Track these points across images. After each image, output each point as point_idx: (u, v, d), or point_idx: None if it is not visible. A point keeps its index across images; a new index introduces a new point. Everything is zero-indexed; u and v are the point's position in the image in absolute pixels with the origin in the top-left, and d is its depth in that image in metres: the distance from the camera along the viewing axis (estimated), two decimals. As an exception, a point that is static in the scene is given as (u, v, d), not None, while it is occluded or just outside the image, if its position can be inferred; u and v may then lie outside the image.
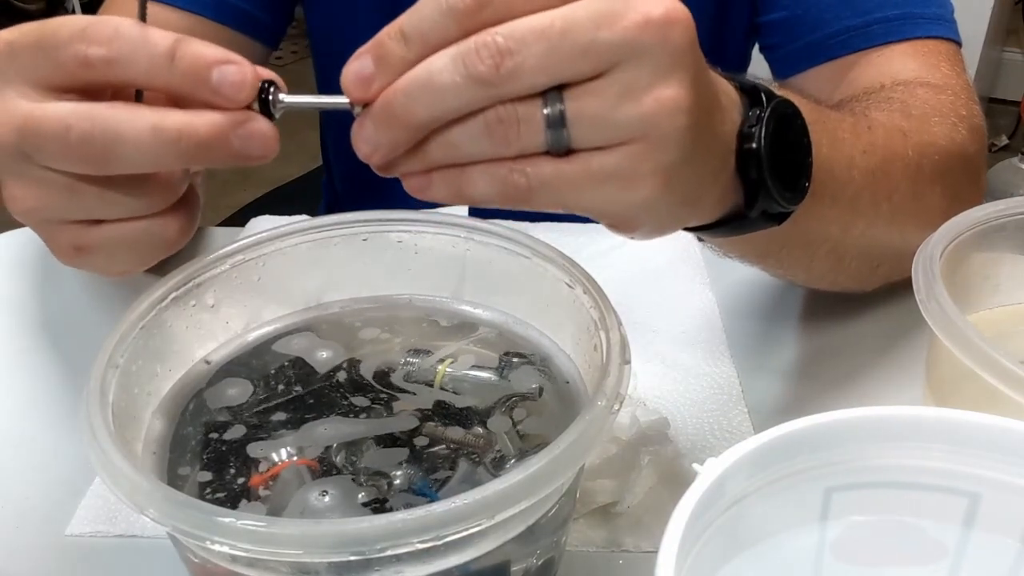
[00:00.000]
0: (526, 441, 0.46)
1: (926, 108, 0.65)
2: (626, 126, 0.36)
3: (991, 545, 0.38)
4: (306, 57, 1.08)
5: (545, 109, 0.36)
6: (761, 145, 0.43)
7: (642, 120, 0.36)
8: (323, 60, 0.95)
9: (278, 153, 0.40)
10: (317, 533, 0.35)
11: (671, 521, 0.32)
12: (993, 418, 0.37)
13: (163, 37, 0.37)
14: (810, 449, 0.37)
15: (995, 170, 2.34)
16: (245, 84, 0.38)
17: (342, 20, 0.88)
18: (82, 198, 0.40)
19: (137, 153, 0.38)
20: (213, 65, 0.37)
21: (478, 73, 0.35)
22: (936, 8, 0.74)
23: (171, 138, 0.37)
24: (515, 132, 0.36)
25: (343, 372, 0.50)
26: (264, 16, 0.84)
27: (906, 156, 0.61)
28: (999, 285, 0.59)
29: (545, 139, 0.36)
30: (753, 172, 0.43)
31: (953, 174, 0.64)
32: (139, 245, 0.42)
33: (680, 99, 0.36)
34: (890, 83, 0.70)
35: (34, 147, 0.38)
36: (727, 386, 0.62)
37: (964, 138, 0.66)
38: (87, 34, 0.37)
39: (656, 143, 0.37)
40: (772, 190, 0.44)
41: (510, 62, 0.34)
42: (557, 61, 0.35)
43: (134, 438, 0.45)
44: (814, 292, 0.70)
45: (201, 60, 0.37)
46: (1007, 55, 2.83)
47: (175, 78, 0.37)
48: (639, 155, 0.37)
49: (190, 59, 0.37)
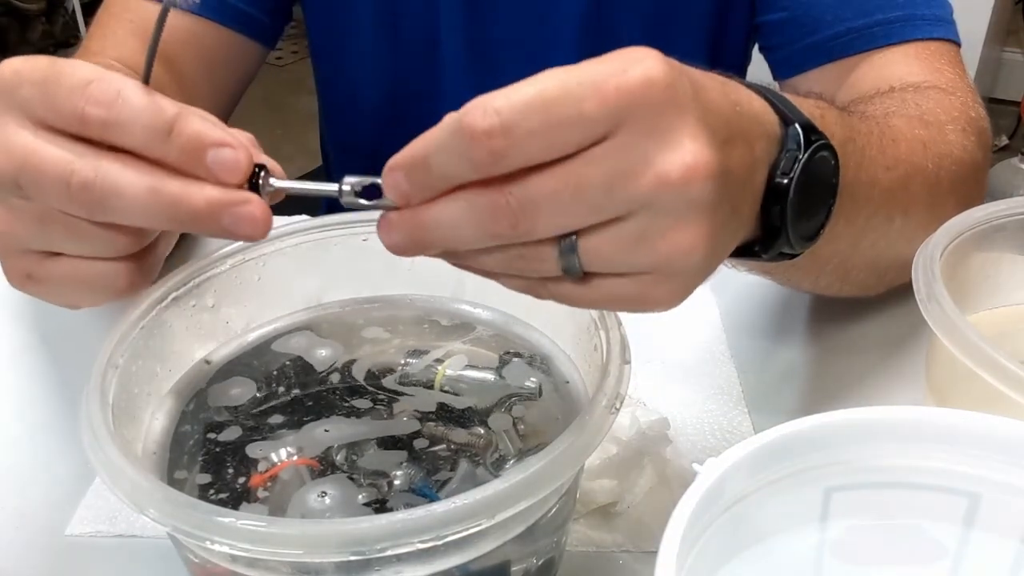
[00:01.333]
0: (526, 441, 0.46)
1: (940, 114, 0.65)
2: (639, 265, 0.36)
3: (991, 545, 0.38)
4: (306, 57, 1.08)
5: (559, 245, 0.36)
6: (789, 198, 0.41)
7: (655, 262, 0.36)
8: (321, 59, 0.95)
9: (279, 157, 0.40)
10: (317, 533, 0.36)
11: (671, 521, 0.32)
12: (993, 418, 0.37)
13: (164, 110, 0.38)
14: (810, 449, 0.37)
15: (995, 170, 2.34)
16: (239, 169, 0.38)
17: (340, 19, 0.89)
18: (50, 232, 0.40)
19: (131, 209, 0.38)
20: (209, 147, 0.38)
21: (494, 231, 0.35)
22: (936, 9, 0.74)
23: (167, 203, 0.38)
24: (532, 266, 0.37)
25: (343, 373, 0.50)
26: (262, 16, 0.84)
27: (926, 169, 0.60)
28: (999, 285, 0.59)
29: (559, 268, 0.36)
30: (776, 219, 0.42)
31: (966, 184, 0.64)
32: (89, 285, 0.42)
33: (696, 242, 0.36)
34: (899, 86, 0.69)
35: (32, 183, 0.39)
36: (727, 386, 0.62)
37: (974, 144, 0.66)
38: (89, 92, 0.37)
39: (670, 275, 0.37)
40: (791, 239, 0.43)
41: (525, 222, 0.35)
42: (571, 219, 0.35)
43: (134, 438, 0.45)
44: (815, 294, 0.70)
45: (198, 140, 0.38)
46: (1007, 55, 2.83)
47: (171, 153, 0.38)
48: (653, 283, 0.37)
49: (187, 136, 0.38)
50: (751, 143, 0.40)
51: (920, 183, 0.60)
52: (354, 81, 0.91)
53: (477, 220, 0.35)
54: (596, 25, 0.83)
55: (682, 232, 0.35)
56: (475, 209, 0.35)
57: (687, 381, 0.63)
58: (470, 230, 0.36)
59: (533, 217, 0.35)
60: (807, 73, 0.78)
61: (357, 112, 0.93)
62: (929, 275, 0.50)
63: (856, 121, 0.57)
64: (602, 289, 0.37)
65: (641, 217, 0.35)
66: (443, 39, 0.86)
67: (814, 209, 0.45)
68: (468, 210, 0.35)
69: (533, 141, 0.34)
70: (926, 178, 0.60)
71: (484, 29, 0.84)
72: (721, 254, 0.39)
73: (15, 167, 0.39)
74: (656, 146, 0.34)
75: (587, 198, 0.34)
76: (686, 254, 0.36)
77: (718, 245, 0.37)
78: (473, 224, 0.35)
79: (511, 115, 0.33)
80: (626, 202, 0.35)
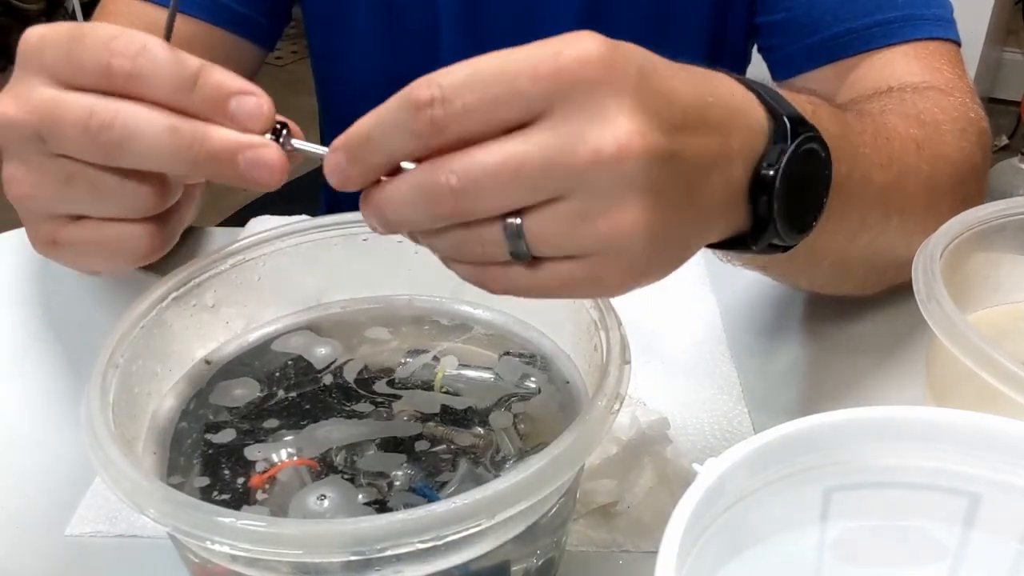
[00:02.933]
0: (526, 441, 0.46)
1: (937, 114, 0.65)
2: (584, 246, 0.36)
3: (991, 545, 0.38)
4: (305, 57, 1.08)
5: (504, 226, 0.36)
6: (775, 189, 0.41)
7: (599, 241, 0.36)
8: (321, 60, 0.95)
9: None
10: (317, 533, 0.36)
11: (671, 521, 0.32)
12: (993, 418, 0.37)
13: (189, 61, 0.39)
14: (810, 449, 0.37)
15: (995, 170, 2.33)
16: (261, 116, 0.39)
17: (339, 19, 0.89)
18: (75, 192, 0.41)
19: (150, 149, 0.39)
20: (233, 95, 0.39)
21: (438, 211, 0.36)
22: (936, 9, 0.74)
23: (185, 142, 0.38)
24: (480, 250, 0.37)
25: (343, 373, 0.50)
26: (260, 18, 0.84)
27: (920, 170, 0.60)
28: (999, 285, 0.59)
29: (508, 252, 0.37)
30: (763, 210, 0.42)
31: (964, 185, 0.64)
32: (112, 248, 0.43)
33: (636, 223, 0.36)
34: (897, 85, 0.69)
35: (52, 129, 0.39)
36: (727, 386, 0.62)
37: (973, 145, 0.66)
38: (113, 45, 0.38)
39: (616, 255, 0.37)
40: (780, 231, 0.43)
41: (465, 201, 0.36)
42: (511, 197, 0.36)
43: (134, 438, 0.45)
44: (814, 293, 0.70)
45: (222, 88, 0.39)
46: (1007, 55, 2.83)
47: (194, 102, 0.39)
48: (601, 264, 0.37)
49: (212, 86, 0.39)
50: (724, 134, 0.40)
51: (915, 183, 0.60)
52: (353, 81, 0.92)
53: (421, 199, 0.36)
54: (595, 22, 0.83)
55: (621, 212, 0.36)
56: (418, 188, 0.36)
57: (687, 381, 0.63)
58: (416, 210, 0.36)
59: (473, 195, 0.35)
60: (807, 74, 0.78)
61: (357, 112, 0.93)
62: (929, 275, 0.50)
63: (851, 118, 0.57)
64: (552, 272, 0.37)
65: (581, 196, 0.35)
66: (443, 35, 0.86)
67: (804, 201, 0.45)
68: (412, 189, 0.36)
69: (470, 114, 0.35)
70: (921, 179, 0.60)
71: (483, 26, 0.84)
72: (676, 240, 0.39)
73: (38, 118, 0.39)
74: (590, 123, 0.35)
75: (524, 175, 0.35)
76: (628, 235, 0.36)
77: (669, 229, 0.37)
78: (418, 204, 0.36)
79: (451, 88, 0.35)
80: (563, 179, 0.35)
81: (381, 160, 0.37)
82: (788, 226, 0.43)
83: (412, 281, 0.54)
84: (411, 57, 0.87)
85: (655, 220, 0.36)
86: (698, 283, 0.72)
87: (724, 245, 0.44)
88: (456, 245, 0.38)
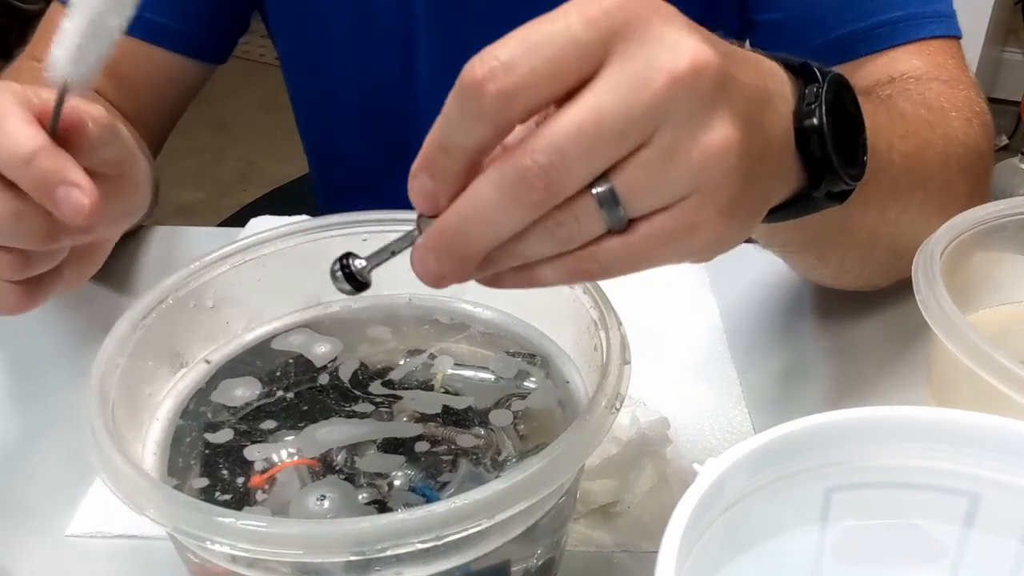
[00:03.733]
0: (526, 441, 0.46)
1: (943, 102, 0.65)
2: (679, 185, 0.35)
3: (991, 545, 0.38)
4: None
5: (596, 195, 0.35)
6: (823, 122, 0.41)
7: (693, 174, 0.35)
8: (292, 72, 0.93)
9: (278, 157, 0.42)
10: (317, 533, 0.36)
11: (671, 521, 0.32)
12: (993, 418, 0.37)
13: (27, 140, 0.42)
14: (810, 449, 0.37)
15: (995, 170, 2.32)
16: (83, 210, 0.42)
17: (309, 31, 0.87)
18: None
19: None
20: (59, 184, 0.42)
21: (529, 200, 0.34)
22: (937, 5, 0.74)
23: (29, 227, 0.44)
24: (576, 230, 0.36)
25: (344, 373, 0.50)
26: (201, 36, 0.84)
27: (937, 144, 0.61)
28: (999, 285, 0.59)
29: (604, 223, 0.36)
30: (816, 150, 0.42)
31: (973, 169, 0.64)
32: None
33: (726, 141, 0.35)
34: (900, 76, 0.69)
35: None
36: (727, 386, 0.62)
37: (978, 134, 0.66)
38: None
39: (712, 189, 0.36)
40: (838, 167, 0.42)
41: (556, 175, 0.34)
42: (600, 154, 0.34)
43: (134, 438, 0.45)
44: (814, 293, 0.70)
45: (50, 176, 0.42)
46: (1007, 55, 2.83)
47: (24, 180, 0.42)
48: (698, 205, 0.36)
49: (40, 170, 0.42)
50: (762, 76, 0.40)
51: (933, 156, 0.60)
52: (328, 92, 0.91)
53: (509, 194, 0.34)
54: None
55: (709, 133, 0.35)
56: (504, 183, 0.34)
57: (687, 381, 0.63)
58: (505, 209, 0.35)
59: (562, 168, 0.34)
60: None
61: (333, 124, 0.93)
62: (929, 275, 0.50)
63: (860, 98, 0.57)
64: (648, 231, 0.36)
65: (666, 130, 0.34)
66: (419, 42, 0.84)
67: (850, 135, 0.45)
68: (497, 187, 0.34)
69: (535, 74, 0.33)
70: (937, 153, 0.61)
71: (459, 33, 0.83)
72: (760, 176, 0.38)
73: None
74: (655, 52, 0.34)
75: (608, 125, 0.34)
76: (721, 155, 0.35)
77: (753, 158, 0.37)
78: (507, 201, 0.34)
79: (510, 55, 0.33)
80: (646, 116, 0.34)
81: (461, 160, 0.35)
82: (841, 160, 0.43)
83: (412, 281, 0.54)
84: (386, 66, 0.86)
85: (742, 139, 0.35)
86: (698, 283, 0.72)
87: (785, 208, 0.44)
88: (549, 235, 0.36)
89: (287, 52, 0.92)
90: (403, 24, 0.84)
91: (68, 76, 0.41)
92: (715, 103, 0.35)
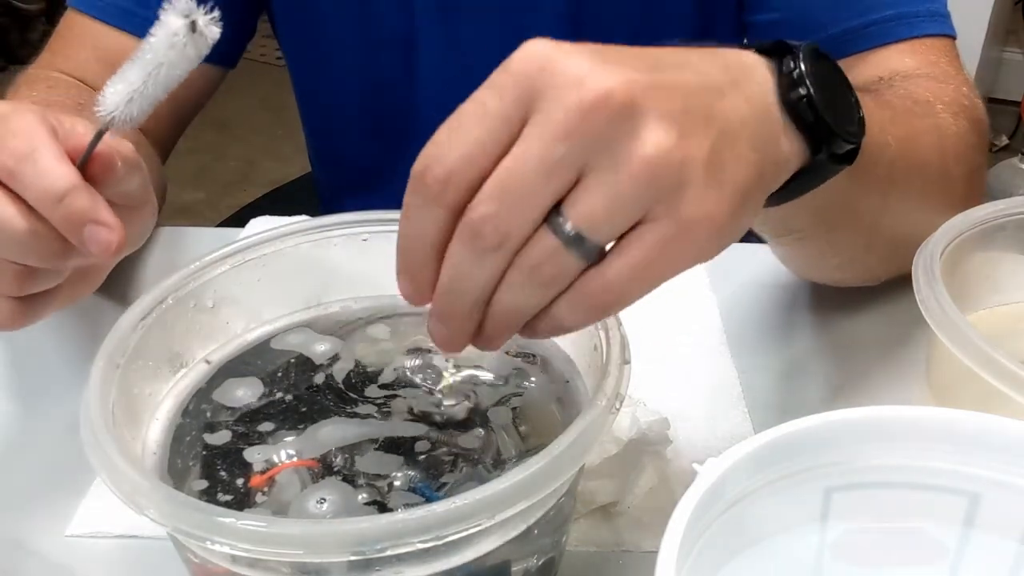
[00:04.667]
0: (526, 441, 0.46)
1: (929, 96, 0.65)
2: (633, 200, 0.36)
3: (991, 545, 0.38)
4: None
5: (554, 231, 0.36)
6: (807, 85, 0.42)
7: (643, 185, 0.35)
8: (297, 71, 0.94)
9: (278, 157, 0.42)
10: (317, 533, 0.36)
11: (671, 521, 0.32)
12: (993, 418, 0.37)
13: (60, 180, 0.42)
14: (810, 449, 0.37)
15: (995, 170, 2.33)
16: (109, 248, 0.43)
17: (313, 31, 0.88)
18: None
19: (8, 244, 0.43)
20: (87, 222, 0.42)
21: (486, 247, 0.36)
22: (930, 4, 0.74)
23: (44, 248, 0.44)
24: (550, 268, 0.37)
25: (344, 373, 0.50)
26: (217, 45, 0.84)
27: (929, 133, 0.61)
28: (999, 285, 0.59)
29: (576, 255, 0.37)
30: (808, 116, 0.42)
31: (968, 161, 0.64)
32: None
33: (660, 146, 0.35)
34: (888, 75, 0.70)
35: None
36: (727, 386, 0.62)
37: (967, 129, 0.65)
38: (6, 142, 0.42)
39: (671, 191, 0.36)
40: (834, 127, 0.43)
41: (502, 222, 0.36)
42: (535, 194, 0.36)
43: (134, 438, 0.45)
44: (814, 292, 0.70)
45: (80, 215, 0.42)
46: (1007, 55, 2.83)
47: (54, 217, 0.42)
48: (667, 210, 0.36)
49: (72, 209, 0.42)
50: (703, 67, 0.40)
51: (927, 143, 0.60)
52: (331, 91, 0.91)
53: (470, 248, 0.36)
54: (578, 24, 0.82)
55: (641, 143, 0.35)
56: (464, 240, 0.36)
57: (687, 381, 0.63)
58: (474, 262, 0.37)
59: (503, 214, 0.36)
60: None
61: (336, 122, 0.93)
62: (929, 275, 0.50)
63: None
64: (625, 254, 0.37)
65: (598, 157, 0.35)
66: (420, 42, 0.85)
67: (841, 95, 0.45)
68: (460, 245, 0.37)
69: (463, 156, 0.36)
70: (931, 140, 0.61)
71: (460, 34, 0.84)
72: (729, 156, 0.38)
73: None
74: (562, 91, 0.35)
75: (532, 167, 0.35)
76: (661, 159, 0.35)
77: (707, 141, 0.37)
78: (471, 254, 0.37)
79: (438, 144, 0.36)
80: (568, 151, 0.35)
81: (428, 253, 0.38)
82: (835, 117, 0.43)
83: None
84: (388, 65, 0.87)
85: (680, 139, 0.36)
86: (698, 283, 0.72)
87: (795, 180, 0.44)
88: (529, 279, 0.37)
89: (293, 52, 0.92)
90: (405, 23, 0.85)
91: (116, 116, 0.41)
92: (636, 117, 0.35)
